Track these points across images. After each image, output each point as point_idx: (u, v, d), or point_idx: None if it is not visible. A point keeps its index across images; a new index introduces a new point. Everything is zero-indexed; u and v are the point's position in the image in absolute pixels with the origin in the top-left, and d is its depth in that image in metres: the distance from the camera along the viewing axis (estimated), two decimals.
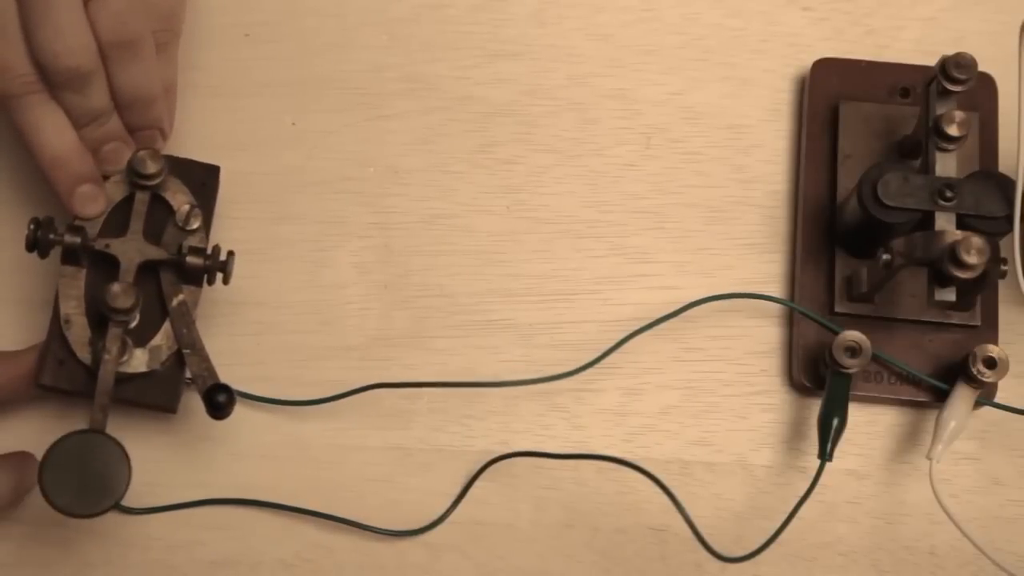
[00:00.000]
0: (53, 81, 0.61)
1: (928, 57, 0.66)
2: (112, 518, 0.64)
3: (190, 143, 0.67)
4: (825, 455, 0.62)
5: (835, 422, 0.62)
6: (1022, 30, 0.60)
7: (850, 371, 0.62)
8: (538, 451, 0.65)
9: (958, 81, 0.62)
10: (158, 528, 0.65)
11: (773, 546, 0.62)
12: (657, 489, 0.65)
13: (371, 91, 0.71)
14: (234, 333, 0.67)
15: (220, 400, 0.60)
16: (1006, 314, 0.66)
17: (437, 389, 0.67)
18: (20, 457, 0.63)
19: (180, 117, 0.67)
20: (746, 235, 0.69)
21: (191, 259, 0.62)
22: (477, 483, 0.65)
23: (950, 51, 0.62)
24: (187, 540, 0.65)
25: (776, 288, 0.68)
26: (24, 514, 0.65)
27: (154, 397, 0.63)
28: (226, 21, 0.71)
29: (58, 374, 0.62)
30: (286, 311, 0.68)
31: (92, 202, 0.62)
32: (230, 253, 0.63)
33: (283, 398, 0.66)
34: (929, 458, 0.62)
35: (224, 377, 0.62)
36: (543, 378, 0.65)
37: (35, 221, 0.61)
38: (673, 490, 0.64)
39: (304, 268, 0.68)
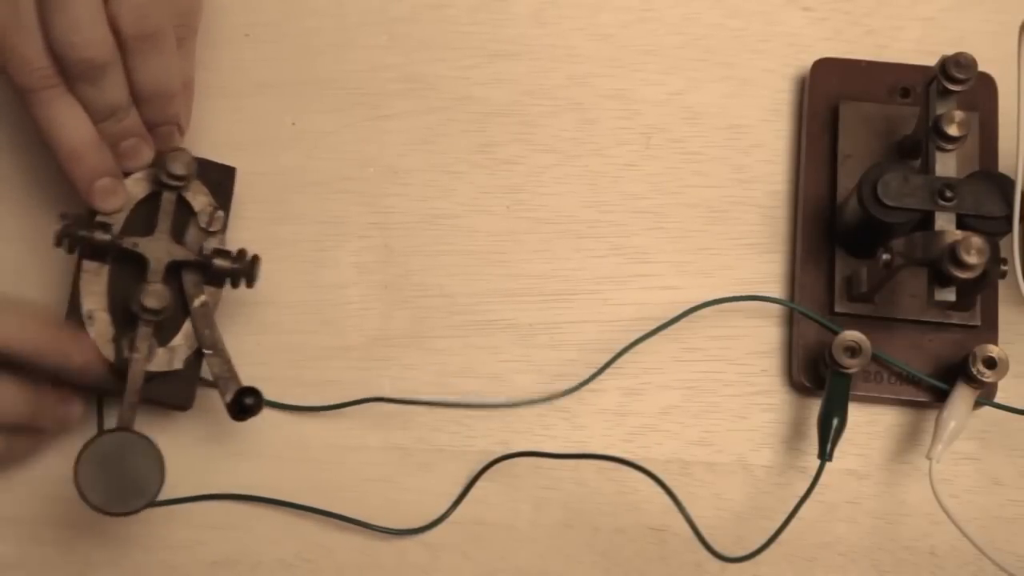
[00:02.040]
0: (70, 74, 0.61)
1: (928, 57, 0.66)
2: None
3: (190, 143, 0.66)
4: (825, 455, 0.62)
5: (835, 422, 0.62)
6: (1022, 30, 0.60)
7: (850, 371, 0.62)
8: (539, 451, 0.65)
9: (958, 81, 0.62)
10: (159, 528, 0.65)
11: (773, 546, 0.62)
12: (657, 489, 0.65)
13: (371, 91, 0.71)
14: (234, 333, 0.66)
15: (248, 403, 0.61)
16: (1006, 314, 0.66)
17: (437, 389, 0.67)
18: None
19: None
20: (746, 235, 0.69)
21: (219, 262, 0.62)
22: (477, 483, 0.65)
23: (950, 51, 0.62)
24: (188, 540, 0.65)
25: (776, 288, 0.68)
26: (24, 514, 0.65)
27: (171, 395, 0.63)
28: (226, 21, 0.71)
29: None
30: (286, 311, 0.68)
31: (111, 196, 0.62)
32: (256, 257, 0.63)
33: (283, 400, 0.66)
34: (929, 458, 0.62)
35: None
36: (542, 398, 0.66)
37: (65, 216, 0.61)
38: (673, 490, 0.65)
39: (304, 268, 0.68)
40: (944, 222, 0.61)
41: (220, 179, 0.65)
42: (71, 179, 0.62)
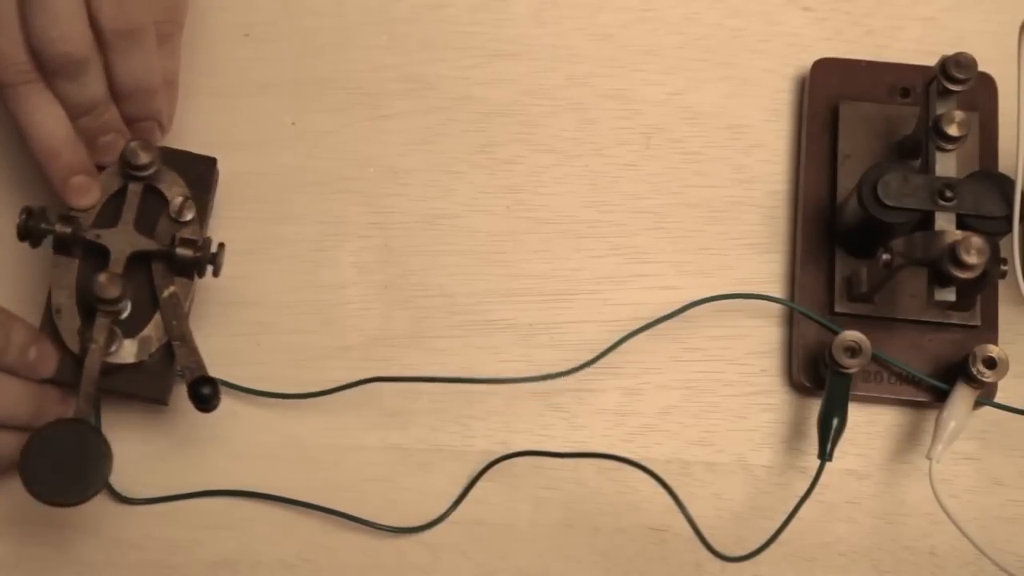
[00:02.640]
0: (48, 69, 0.61)
1: (928, 57, 0.66)
2: (112, 516, 0.64)
3: (190, 143, 0.66)
4: (825, 455, 0.62)
5: (835, 422, 0.62)
6: (1022, 30, 0.60)
7: (850, 371, 0.62)
8: (541, 450, 0.65)
9: (958, 81, 0.62)
10: (157, 528, 0.65)
11: (773, 546, 0.62)
12: (658, 489, 0.65)
13: (371, 91, 0.71)
14: (234, 333, 0.67)
15: (205, 392, 0.60)
16: (1006, 314, 0.66)
17: (437, 389, 0.67)
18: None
19: (180, 117, 0.68)
20: (746, 235, 0.69)
21: (181, 250, 0.62)
22: (477, 483, 0.65)
23: (950, 51, 0.62)
24: (186, 540, 0.65)
25: (776, 288, 0.68)
26: (24, 514, 0.65)
27: (145, 388, 0.63)
28: (226, 21, 0.71)
29: None
30: (286, 311, 0.68)
31: (85, 193, 0.63)
32: (221, 245, 0.63)
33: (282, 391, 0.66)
34: (929, 458, 0.62)
35: (224, 377, 0.62)
36: (543, 376, 0.66)
37: (27, 210, 0.61)
38: (673, 490, 0.65)
39: (304, 268, 0.68)
40: (944, 222, 0.61)
41: (201, 171, 0.65)
42: (46, 175, 0.63)
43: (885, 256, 0.61)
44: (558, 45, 0.72)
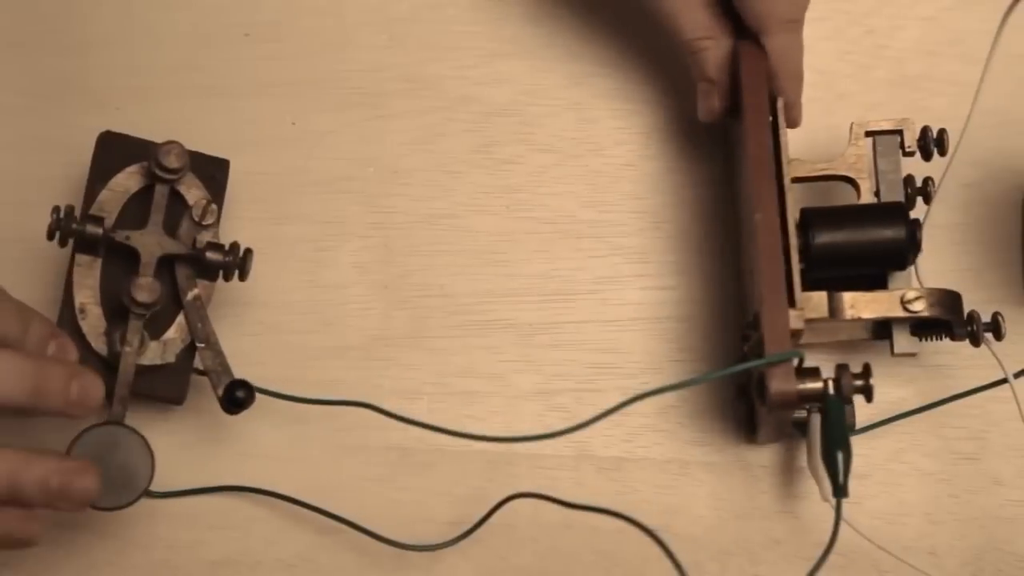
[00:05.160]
0: None
1: (928, 56, 0.65)
2: (116, 515, 0.64)
3: (190, 143, 0.66)
4: (839, 492, 0.58)
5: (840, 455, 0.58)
6: (1004, 18, 0.60)
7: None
8: (550, 496, 0.64)
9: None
10: (160, 528, 0.65)
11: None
12: (657, 489, 0.65)
13: (371, 91, 0.71)
14: (235, 333, 0.66)
15: (240, 396, 0.61)
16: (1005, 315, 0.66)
17: (437, 388, 0.67)
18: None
19: (181, 116, 0.68)
20: None
21: (211, 255, 0.62)
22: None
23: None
24: (189, 540, 0.65)
25: None
26: None
27: (163, 389, 0.63)
28: (226, 21, 0.71)
29: None
30: (286, 311, 0.68)
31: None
32: (248, 250, 0.63)
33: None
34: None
35: None
36: (540, 435, 0.61)
37: (57, 210, 0.61)
38: (673, 490, 0.65)
39: (304, 268, 0.68)
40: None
41: (213, 172, 0.65)
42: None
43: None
44: (558, 45, 0.71)
